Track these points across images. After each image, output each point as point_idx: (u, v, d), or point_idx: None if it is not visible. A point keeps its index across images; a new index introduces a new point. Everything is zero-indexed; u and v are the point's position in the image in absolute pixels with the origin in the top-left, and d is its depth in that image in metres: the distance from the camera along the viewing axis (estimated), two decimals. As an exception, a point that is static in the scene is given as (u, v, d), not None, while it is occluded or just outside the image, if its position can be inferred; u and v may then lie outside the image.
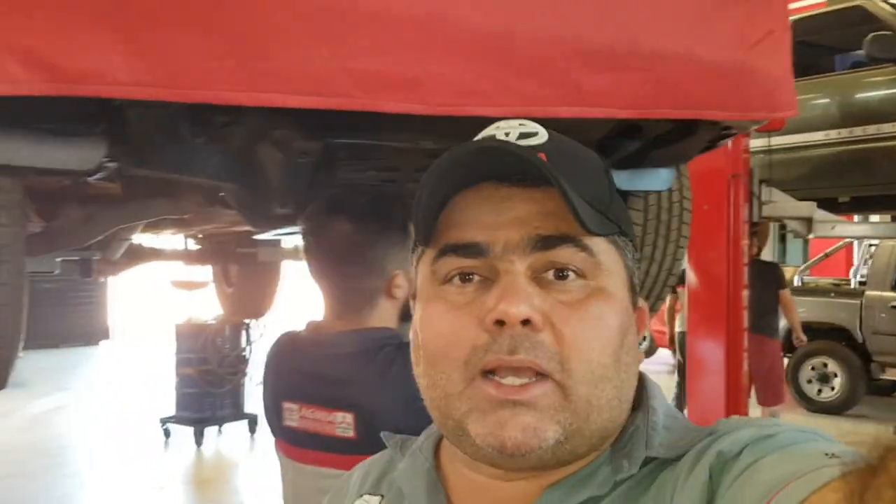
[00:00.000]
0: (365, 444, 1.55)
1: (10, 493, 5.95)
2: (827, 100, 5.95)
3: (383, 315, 1.63)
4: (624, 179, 2.07)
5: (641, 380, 0.69)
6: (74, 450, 7.44)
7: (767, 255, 12.27)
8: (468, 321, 0.62)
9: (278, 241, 5.10)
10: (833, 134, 5.85)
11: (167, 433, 7.46)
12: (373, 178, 1.92)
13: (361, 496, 0.78)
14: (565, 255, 0.63)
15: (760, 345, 5.90)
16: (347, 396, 1.65)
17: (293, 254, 4.96)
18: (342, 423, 1.70)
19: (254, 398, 7.79)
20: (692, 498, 0.56)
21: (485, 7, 1.40)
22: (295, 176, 1.59)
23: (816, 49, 6.62)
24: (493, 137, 0.67)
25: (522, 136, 0.66)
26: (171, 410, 7.49)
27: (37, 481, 6.26)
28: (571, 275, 0.63)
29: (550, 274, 0.63)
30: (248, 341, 7.59)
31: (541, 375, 0.60)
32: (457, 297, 0.64)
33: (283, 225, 1.71)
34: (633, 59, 1.51)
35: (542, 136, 0.66)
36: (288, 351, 1.82)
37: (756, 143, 5.61)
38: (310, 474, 1.72)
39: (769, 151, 5.65)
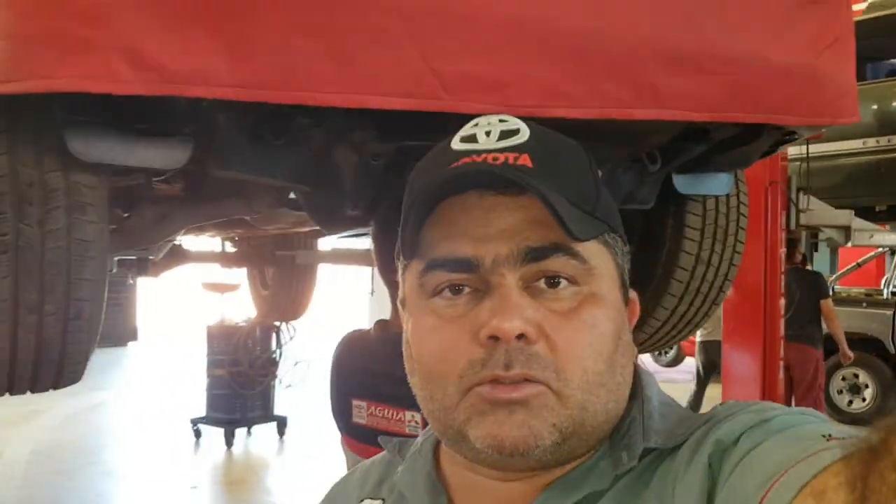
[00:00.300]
0: None
1: (49, 490, 6.03)
2: (865, 108, 5.92)
3: None
4: (685, 183, 2.09)
5: (635, 369, 0.69)
6: (109, 449, 7.53)
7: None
8: (461, 336, 0.62)
9: (315, 244, 5.15)
10: (871, 142, 5.83)
11: (198, 434, 7.51)
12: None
13: (362, 501, 0.77)
14: (556, 264, 0.62)
15: (803, 353, 5.88)
16: None
17: (329, 257, 5.00)
18: (411, 422, 1.73)
19: (283, 400, 7.86)
20: (693, 488, 0.56)
21: (570, 9, 1.42)
22: (368, 178, 1.62)
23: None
24: (473, 138, 0.65)
25: (504, 134, 0.65)
26: (201, 411, 7.54)
27: (74, 479, 6.33)
28: (563, 282, 0.62)
29: (542, 282, 0.62)
30: (279, 344, 7.65)
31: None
32: (447, 310, 0.64)
33: (352, 227, 1.74)
34: (710, 63, 1.53)
35: (524, 133, 0.65)
36: (356, 350, 1.85)
37: (793, 150, 5.59)
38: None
39: (807, 159, 5.62)
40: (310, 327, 7.59)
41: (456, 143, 0.66)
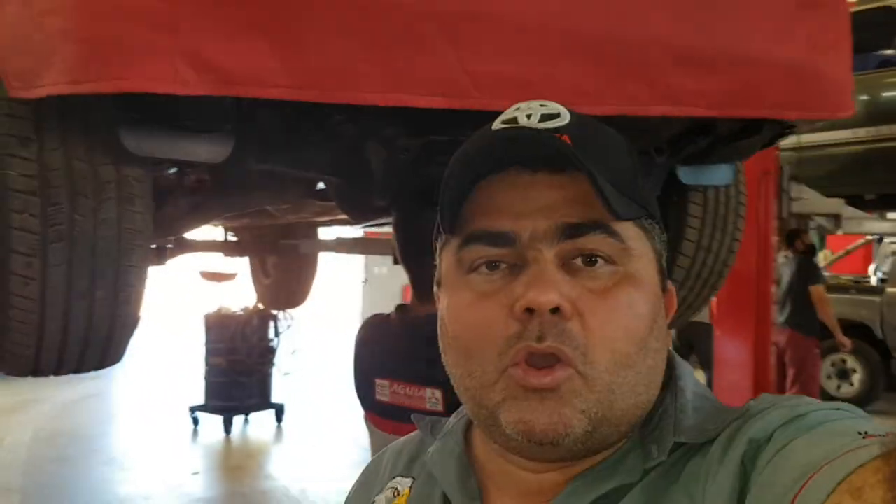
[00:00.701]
0: None
1: (51, 477, 6.09)
2: (855, 99, 6.01)
3: None
4: (689, 174, 2.20)
5: (670, 359, 0.68)
6: (108, 436, 7.59)
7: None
8: (498, 311, 0.61)
9: (317, 233, 5.23)
10: (860, 132, 5.93)
11: (196, 421, 7.59)
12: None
13: (394, 478, 0.78)
14: (594, 241, 0.62)
15: (793, 339, 6.05)
16: (437, 374, 1.78)
17: (331, 246, 5.07)
18: (431, 398, 1.83)
19: (280, 388, 7.95)
20: (725, 487, 0.55)
21: (592, 15, 1.53)
22: (395, 171, 1.72)
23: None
24: (514, 120, 0.65)
25: (544, 117, 0.64)
26: (196, 399, 7.61)
27: (76, 466, 6.39)
28: (600, 261, 0.62)
29: (579, 260, 0.62)
30: (276, 332, 7.72)
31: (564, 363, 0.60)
32: (484, 285, 0.63)
33: (378, 216, 1.84)
34: (719, 63, 1.64)
35: (565, 117, 0.64)
36: (378, 333, 1.96)
37: (786, 140, 5.68)
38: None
39: (799, 149, 5.74)
40: (305, 316, 7.66)
41: (497, 125, 0.66)
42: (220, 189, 2.07)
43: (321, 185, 2.00)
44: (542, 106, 0.65)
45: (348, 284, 17.04)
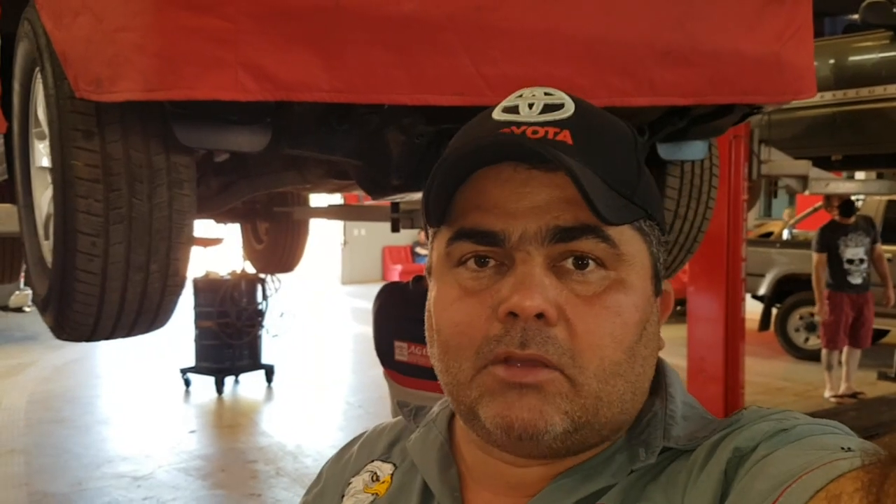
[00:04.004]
0: None
1: (51, 438, 6.26)
2: (822, 63, 6.24)
3: None
4: (668, 150, 2.42)
5: (659, 365, 0.68)
6: (101, 398, 7.73)
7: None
8: (481, 310, 0.60)
9: (308, 200, 5.41)
10: (827, 96, 6.13)
11: (187, 383, 7.78)
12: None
13: (372, 461, 0.77)
14: (585, 245, 0.60)
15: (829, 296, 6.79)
16: None
17: (326, 213, 5.26)
18: None
19: (270, 349, 8.16)
20: (706, 492, 0.55)
21: (584, 21, 1.74)
22: (411, 154, 1.93)
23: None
24: (515, 109, 0.63)
25: (547, 107, 0.62)
26: (184, 362, 7.81)
27: (74, 427, 6.55)
28: (591, 264, 0.60)
29: (569, 262, 0.60)
30: (265, 296, 7.89)
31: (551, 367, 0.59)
32: (471, 282, 0.62)
33: (394, 193, 2.05)
34: (695, 58, 1.86)
35: (569, 108, 0.62)
36: (397, 300, 2.21)
37: (755, 106, 5.90)
38: (416, 398, 2.11)
39: (768, 112, 5.96)
40: (288, 278, 7.85)
41: (497, 113, 0.64)
42: (248, 170, 2.27)
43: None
44: (546, 95, 0.64)
45: (328, 246, 17.26)
